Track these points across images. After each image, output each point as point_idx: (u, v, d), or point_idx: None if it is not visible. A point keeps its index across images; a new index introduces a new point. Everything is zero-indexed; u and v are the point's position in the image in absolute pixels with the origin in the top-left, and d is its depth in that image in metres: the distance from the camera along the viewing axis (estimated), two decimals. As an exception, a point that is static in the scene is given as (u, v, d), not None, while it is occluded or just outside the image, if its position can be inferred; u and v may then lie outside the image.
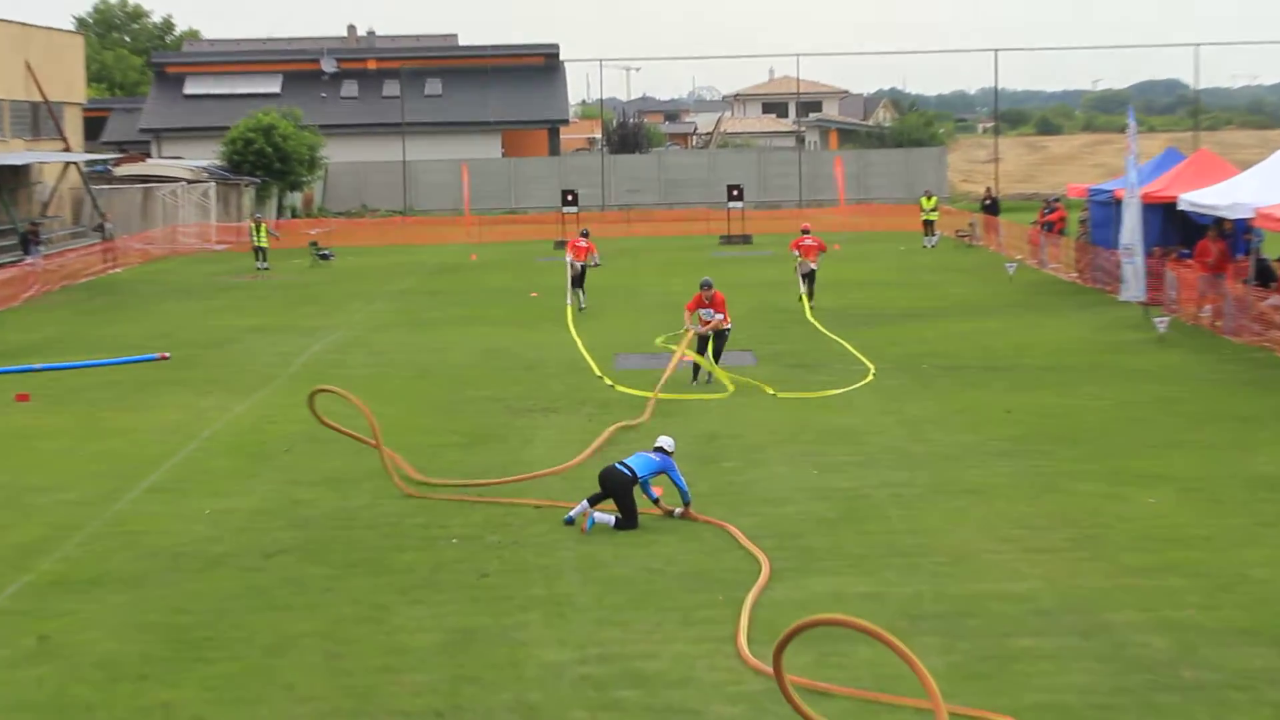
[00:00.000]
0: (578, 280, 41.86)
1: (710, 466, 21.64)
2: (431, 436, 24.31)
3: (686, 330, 29.13)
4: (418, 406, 27.12)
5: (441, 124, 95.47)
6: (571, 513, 18.63)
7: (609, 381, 29.26)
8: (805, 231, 42.78)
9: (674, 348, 28.75)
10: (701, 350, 29.12)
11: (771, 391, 27.54)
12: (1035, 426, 23.95)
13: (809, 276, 41.13)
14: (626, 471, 18.44)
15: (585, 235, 44.09)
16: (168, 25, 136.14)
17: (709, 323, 29.04)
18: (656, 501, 18.83)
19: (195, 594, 16.14)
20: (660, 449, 18.98)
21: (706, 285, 29.22)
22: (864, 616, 14.54)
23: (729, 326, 29.41)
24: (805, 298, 39.95)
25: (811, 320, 36.95)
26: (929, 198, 64.33)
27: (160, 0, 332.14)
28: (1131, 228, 36.41)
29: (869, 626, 10.75)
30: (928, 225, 63.25)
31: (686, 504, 18.82)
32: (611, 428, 24.08)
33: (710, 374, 28.97)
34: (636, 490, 18.53)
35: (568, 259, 42.08)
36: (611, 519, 18.25)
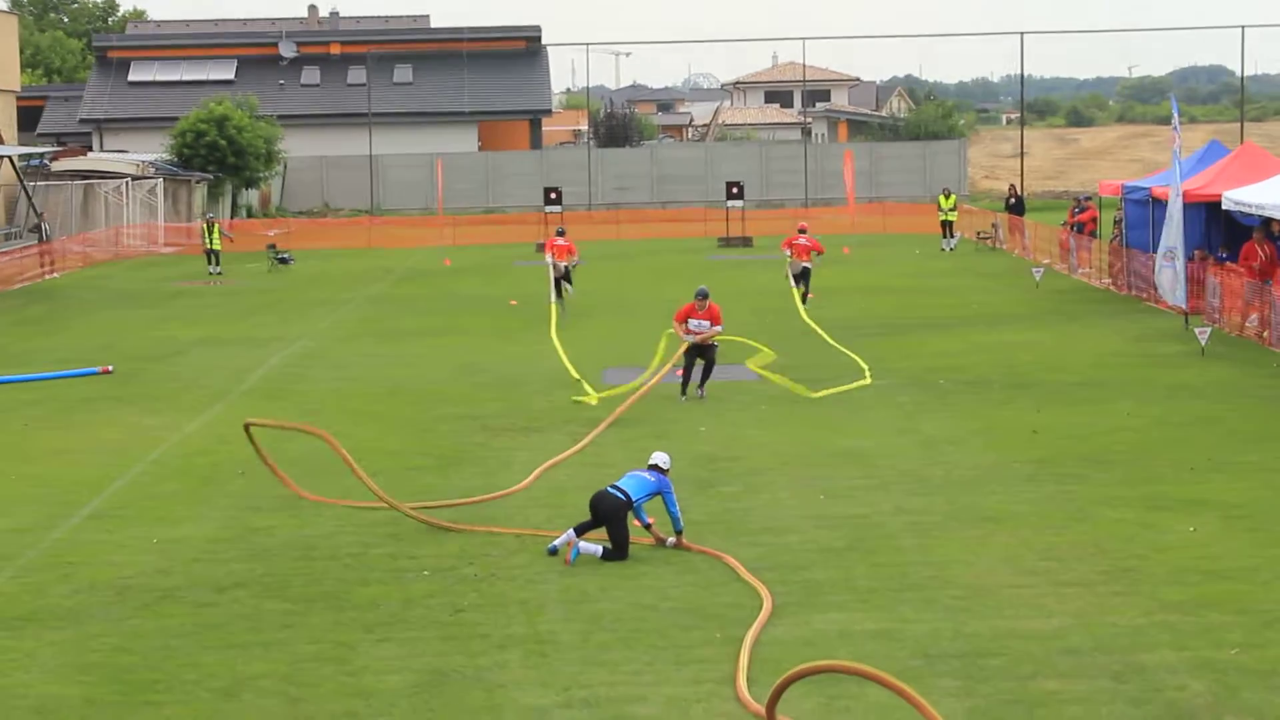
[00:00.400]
0: (561, 282, 42.88)
1: (708, 491, 21.70)
2: (401, 459, 24.36)
3: (682, 342, 29.26)
4: (386, 426, 27.17)
5: (412, 114, 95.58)
6: (555, 542, 18.67)
7: (587, 392, 29.40)
8: (802, 230, 44.37)
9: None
10: (690, 369, 29.35)
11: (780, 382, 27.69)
12: (1064, 448, 24.02)
13: (802, 276, 42.69)
14: (620, 496, 18.46)
15: (561, 234, 45.72)
16: (110, 5, 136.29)
17: (699, 333, 29.14)
18: (649, 527, 18.84)
19: (141, 631, 16.16)
20: (655, 467, 19.02)
21: (702, 295, 29.41)
22: (876, 656, 14.63)
23: (720, 330, 29.55)
24: (799, 297, 41.02)
25: (806, 320, 37.15)
26: (947, 196, 64.51)
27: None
28: (1175, 229, 36.44)
29: (871, 671, 10.80)
30: (946, 226, 63.43)
31: (679, 532, 18.86)
32: (541, 467, 23.78)
33: (702, 389, 29.30)
34: (629, 516, 18.57)
35: (548, 260, 43.03)
36: (599, 549, 18.28)
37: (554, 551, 18.55)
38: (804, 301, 41.06)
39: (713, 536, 19.22)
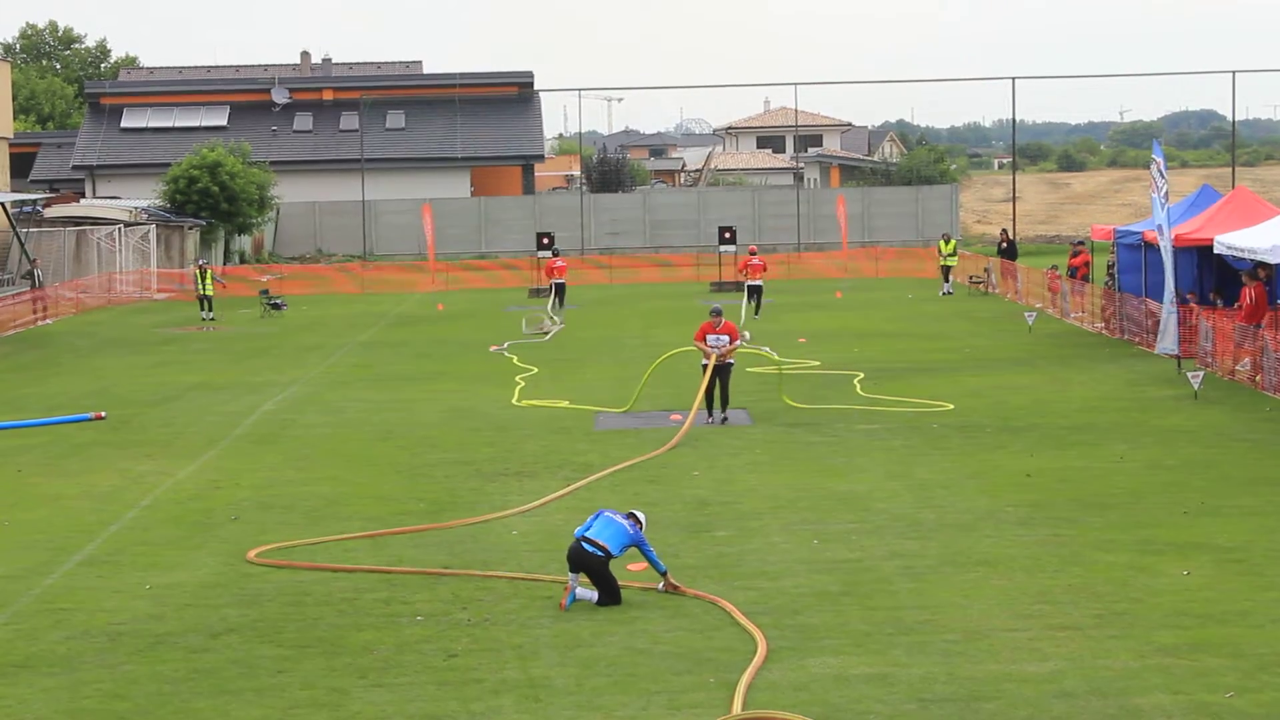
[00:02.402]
0: (558, 294, 57.02)
1: (701, 536, 21.69)
2: (394, 504, 24.33)
3: (706, 364, 31.03)
4: (379, 471, 27.15)
5: (404, 160, 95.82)
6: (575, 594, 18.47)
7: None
8: (752, 253, 56.88)
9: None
10: (712, 388, 31.01)
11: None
12: (1057, 491, 24.03)
13: (755, 291, 54.28)
14: (598, 553, 18.32)
15: (556, 254, 59.56)
16: (102, 50, 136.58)
17: (721, 348, 30.96)
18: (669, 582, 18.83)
19: (134, 677, 16.14)
20: (633, 517, 18.96)
21: (717, 312, 31.76)
22: (870, 699, 14.64)
23: (739, 344, 31.90)
24: (753, 309, 53.09)
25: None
26: (947, 241, 65.13)
27: (93, 24, 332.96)
28: (1166, 274, 36.51)
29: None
30: (946, 271, 63.76)
31: (664, 574, 18.77)
32: (575, 484, 23.99)
33: (725, 416, 31.13)
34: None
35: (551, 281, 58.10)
36: (594, 595, 18.26)
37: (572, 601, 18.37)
38: (756, 313, 52.84)
39: (706, 581, 19.22)
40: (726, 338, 31.07)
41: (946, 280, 63.53)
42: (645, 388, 34.00)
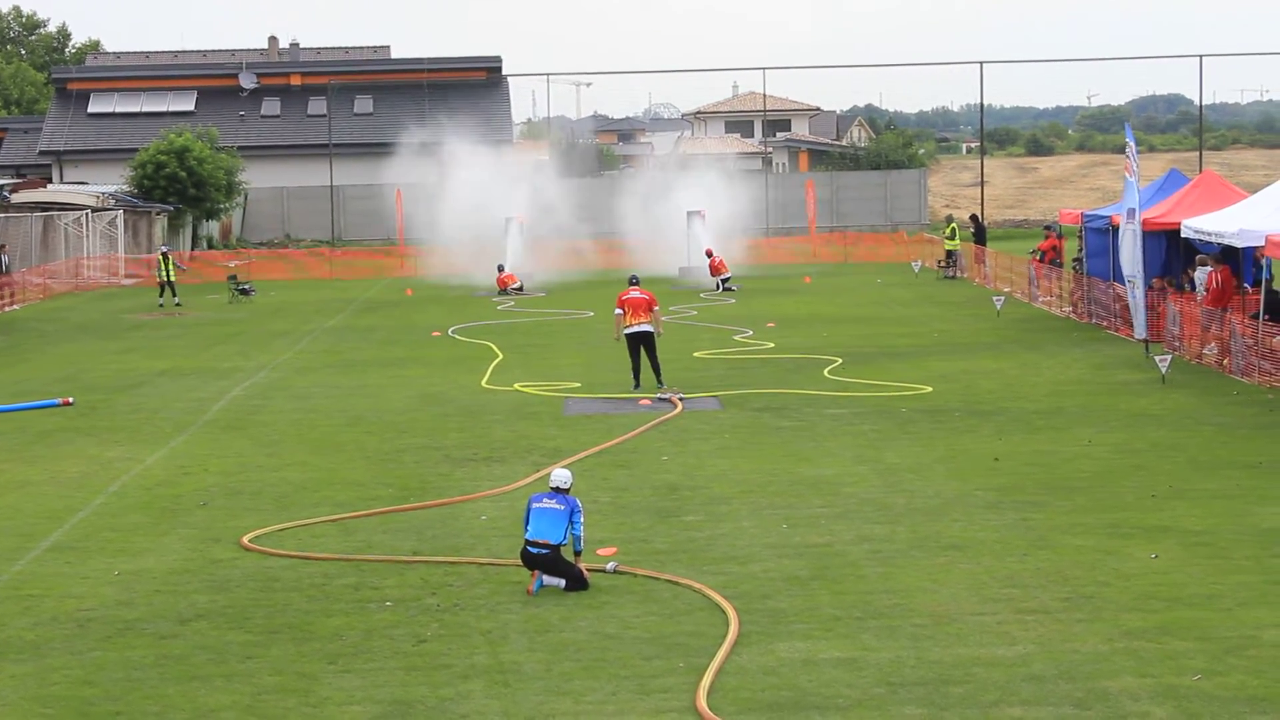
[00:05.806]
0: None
1: (670, 521, 21.69)
2: (362, 490, 24.30)
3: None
4: (347, 457, 27.11)
5: (372, 145, 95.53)
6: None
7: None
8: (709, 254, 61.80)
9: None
10: (634, 356, 33.04)
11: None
12: (1026, 475, 24.08)
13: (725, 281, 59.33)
14: (544, 552, 18.27)
15: (501, 268, 62.01)
16: (64, 35, 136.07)
17: (639, 299, 33.05)
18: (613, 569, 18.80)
19: (103, 663, 16.11)
20: (558, 490, 18.74)
21: (634, 281, 34.41)
22: (839, 683, 14.69)
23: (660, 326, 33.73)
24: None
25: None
26: (948, 223, 66.66)
27: (56, 8, 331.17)
28: (1130, 256, 36.60)
29: None
30: (949, 255, 64.33)
31: (577, 553, 18.55)
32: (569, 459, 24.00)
33: (661, 382, 32.98)
34: (566, 549, 18.43)
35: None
36: (562, 581, 18.25)
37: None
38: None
39: (676, 565, 19.23)
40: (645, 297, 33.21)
41: (950, 265, 64.13)
42: (614, 374, 34.00)
